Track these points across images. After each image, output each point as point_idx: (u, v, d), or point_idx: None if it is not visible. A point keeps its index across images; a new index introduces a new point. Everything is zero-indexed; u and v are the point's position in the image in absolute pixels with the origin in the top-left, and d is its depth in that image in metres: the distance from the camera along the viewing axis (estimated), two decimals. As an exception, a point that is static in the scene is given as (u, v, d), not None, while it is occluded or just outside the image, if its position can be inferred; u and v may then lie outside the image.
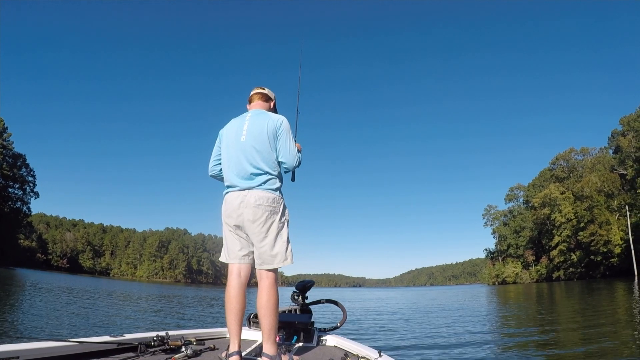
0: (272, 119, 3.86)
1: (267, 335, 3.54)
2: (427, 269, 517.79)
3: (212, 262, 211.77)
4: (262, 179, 3.72)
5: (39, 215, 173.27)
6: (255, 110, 4.07)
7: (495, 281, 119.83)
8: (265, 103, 4.19)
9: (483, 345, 11.29)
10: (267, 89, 4.25)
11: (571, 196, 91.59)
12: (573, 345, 10.75)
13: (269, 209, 3.68)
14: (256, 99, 4.19)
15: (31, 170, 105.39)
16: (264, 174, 3.73)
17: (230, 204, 3.76)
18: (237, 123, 3.95)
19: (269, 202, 3.69)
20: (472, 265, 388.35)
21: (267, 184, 3.73)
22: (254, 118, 3.91)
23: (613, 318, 16.00)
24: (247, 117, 3.94)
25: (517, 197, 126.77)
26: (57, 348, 3.20)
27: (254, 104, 4.18)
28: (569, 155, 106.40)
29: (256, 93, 4.21)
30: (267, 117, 3.90)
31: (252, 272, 3.87)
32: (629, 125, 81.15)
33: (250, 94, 4.25)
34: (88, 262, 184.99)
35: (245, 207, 3.66)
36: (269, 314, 3.54)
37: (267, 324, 3.53)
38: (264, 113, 3.98)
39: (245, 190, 3.70)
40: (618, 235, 77.71)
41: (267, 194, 3.70)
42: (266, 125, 3.81)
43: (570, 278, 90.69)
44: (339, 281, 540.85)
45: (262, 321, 3.55)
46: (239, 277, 3.75)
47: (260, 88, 4.24)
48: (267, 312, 3.55)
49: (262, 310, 3.55)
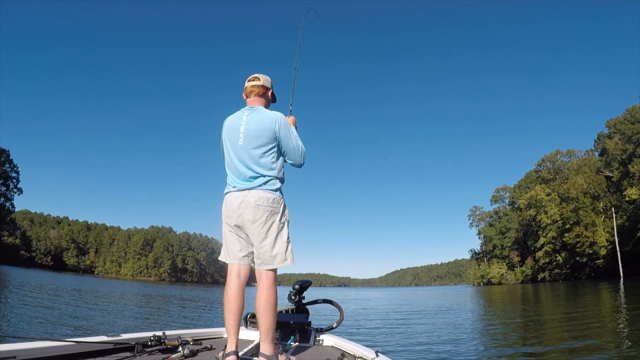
0: (268, 119, 3.75)
1: (265, 335, 3.50)
2: (412, 269, 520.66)
3: (197, 260, 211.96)
4: (261, 180, 3.68)
5: (23, 212, 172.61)
6: (251, 107, 3.92)
7: (480, 282, 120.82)
8: (261, 98, 4.01)
9: (475, 344, 11.39)
10: (262, 78, 4.04)
11: (557, 198, 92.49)
12: (559, 343, 10.91)
13: (270, 209, 3.65)
14: (253, 93, 4.00)
15: (15, 166, 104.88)
16: (262, 177, 3.69)
17: (230, 204, 3.72)
18: (234, 124, 3.85)
19: (269, 202, 3.66)
20: (457, 266, 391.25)
21: (267, 184, 3.69)
22: (250, 118, 3.79)
23: (598, 318, 16.19)
24: (244, 117, 3.82)
25: (503, 198, 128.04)
26: (54, 348, 3.18)
27: (252, 99, 4.00)
28: (555, 157, 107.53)
29: (253, 86, 4.00)
30: (263, 116, 3.78)
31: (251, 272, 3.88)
32: (615, 127, 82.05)
33: (245, 85, 4.05)
34: (72, 260, 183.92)
35: (246, 207, 3.63)
36: (268, 313, 3.51)
37: (265, 324, 3.50)
38: (260, 111, 3.84)
39: (245, 190, 3.67)
40: (604, 237, 78.64)
41: (267, 194, 3.66)
42: (264, 126, 3.72)
43: (555, 279, 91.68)
44: (324, 281, 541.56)
45: (260, 321, 3.51)
46: (239, 277, 3.72)
47: (255, 78, 4.03)
48: (265, 311, 3.51)
49: (261, 310, 3.52)
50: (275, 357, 3.51)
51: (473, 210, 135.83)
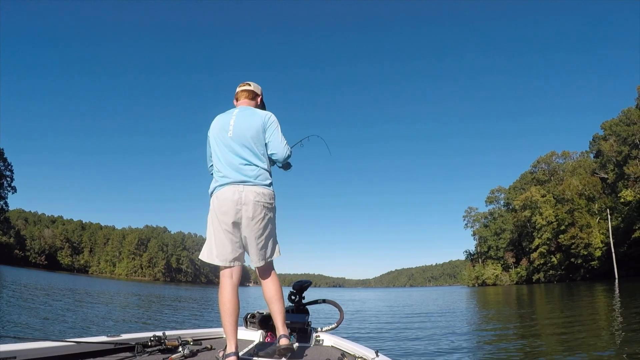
0: (259, 115, 3.86)
1: (281, 320, 3.71)
2: (406, 270, 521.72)
3: (192, 260, 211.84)
4: (253, 173, 3.69)
5: (18, 211, 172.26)
6: (243, 107, 4.01)
7: (475, 283, 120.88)
8: (251, 101, 4.12)
9: (472, 345, 11.46)
10: (253, 84, 4.18)
11: (552, 199, 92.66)
12: (554, 343, 10.87)
13: (267, 205, 3.69)
14: (243, 96, 4.13)
15: (9, 164, 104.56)
16: (253, 167, 3.70)
17: (225, 200, 3.63)
18: (223, 119, 3.90)
19: (267, 198, 3.68)
20: (451, 267, 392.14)
21: (259, 178, 3.70)
22: (240, 114, 3.87)
23: (593, 320, 16.14)
24: (234, 112, 3.91)
25: (498, 199, 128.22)
26: (54, 348, 3.18)
27: (241, 102, 4.12)
28: (550, 159, 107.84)
29: (242, 90, 4.14)
30: (253, 112, 3.90)
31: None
32: (611, 129, 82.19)
33: (236, 91, 4.18)
34: (66, 259, 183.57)
35: (244, 203, 3.60)
36: (280, 299, 3.76)
37: (279, 308, 3.73)
38: (250, 109, 3.96)
39: (240, 184, 3.64)
40: (598, 238, 78.92)
41: (264, 190, 3.68)
42: (253, 120, 3.80)
43: (550, 280, 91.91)
44: (318, 281, 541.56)
45: (275, 306, 3.73)
46: (231, 278, 3.68)
47: (246, 84, 4.17)
48: (279, 296, 3.76)
49: (274, 297, 3.74)
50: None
51: (468, 211, 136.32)
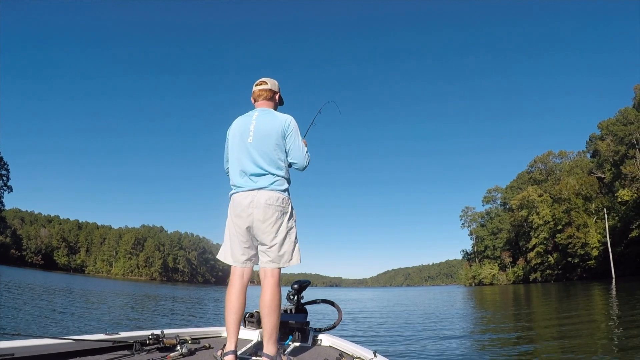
0: (279, 120, 3.80)
1: (268, 335, 3.47)
2: (403, 269, 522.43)
3: (188, 260, 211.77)
4: (269, 180, 3.68)
5: (14, 211, 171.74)
6: (262, 109, 3.96)
7: (472, 282, 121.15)
8: (270, 101, 4.06)
9: (470, 344, 11.52)
10: (270, 82, 4.09)
11: (549, 199, 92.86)
12: (551, 343, 10.94)
13: (279, 209, 3.66)
14: (261, 97, 4.04)
15: (5, 163, 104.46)
16: (271, 175, 3.69)
17: (239, 204, 3.68)
18: (243, 122, 3.86)
19: (279, 202, 3.67)
20: (448, 267, 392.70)
21: (275, 184, 3.69)
22: (261, 118, 3.82)
23: (589, 319, 16.19)
24: (254, 116, 3.85)
25: (495, 199, 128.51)
26: (52, 345, 3.19)
27: (260, 102, 4.05)
28: (547, 158, 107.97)
29: (260, 90, 4.04)
30: (274, 117, 3.83)
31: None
32: (608, 129, 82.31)
33: (253, 90, 4.09)
34: (63, 259, 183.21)
35: (256, 207, 3.61)
36: (273, 313, 3.50)
37: (270, 323, 3.48)
38: (271, 113, 3.90)
39: (255, 190, 3.65)
40: (595, 237, 79.08)
41: (276, 194, 3.67)
42: (274, 126, 3.75)
43: (547, 280, 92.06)
44: (315, 281, 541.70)
45: (265, 320, 3.49)
46: (242, 278, 3.71)
47: (262, 82, 4.08)
48: (270, 311, 3.49)
49: (266, 310, 3.50)
50: (279, 358, 3.48)
51: (465, 210, 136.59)
